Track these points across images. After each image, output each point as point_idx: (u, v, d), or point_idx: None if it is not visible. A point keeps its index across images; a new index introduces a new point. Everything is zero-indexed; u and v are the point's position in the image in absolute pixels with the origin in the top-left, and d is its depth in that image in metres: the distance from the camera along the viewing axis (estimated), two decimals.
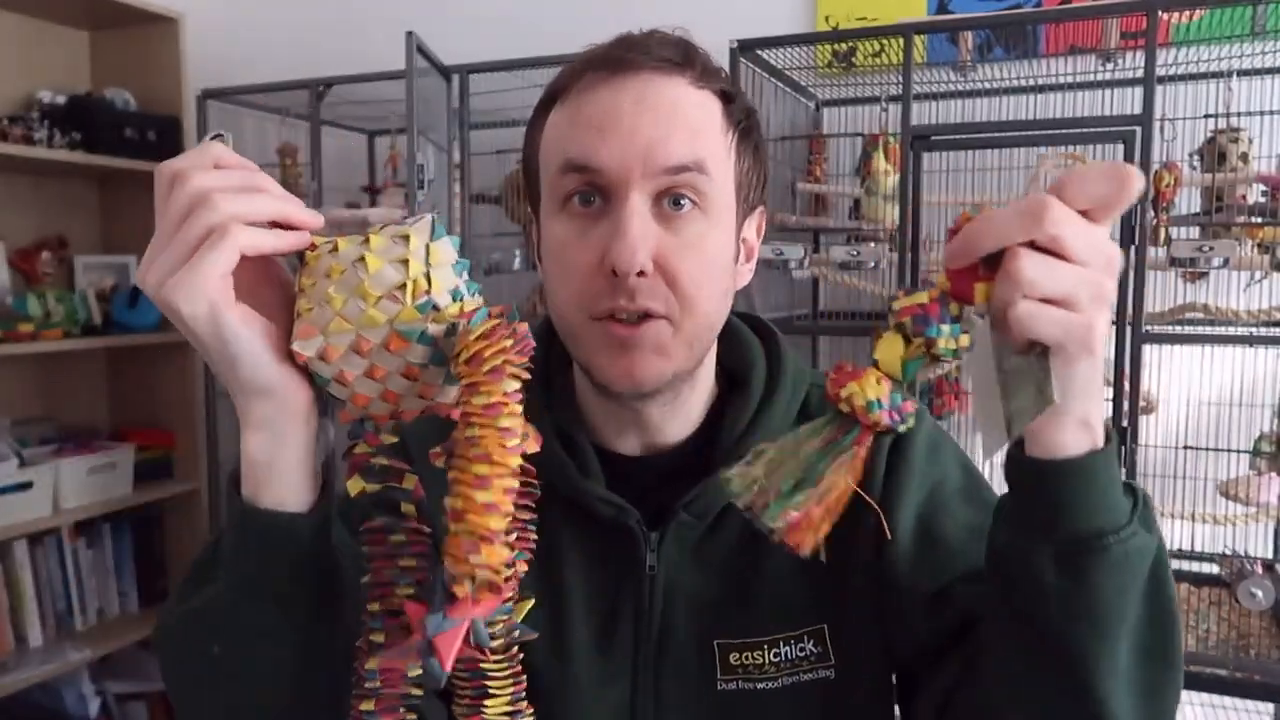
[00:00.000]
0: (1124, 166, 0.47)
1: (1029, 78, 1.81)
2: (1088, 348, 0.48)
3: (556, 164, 0.67)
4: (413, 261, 0.49)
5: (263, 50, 2.54)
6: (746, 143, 0.72)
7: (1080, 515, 0.53)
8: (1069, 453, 0.53)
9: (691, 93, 0.67)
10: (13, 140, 2.09)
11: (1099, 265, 0.47)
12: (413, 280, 0.49)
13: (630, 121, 0.65)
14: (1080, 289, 0.47)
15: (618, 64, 0.66)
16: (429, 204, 1.82)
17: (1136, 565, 0.54)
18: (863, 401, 0.50)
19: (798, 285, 1.98)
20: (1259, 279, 1.58)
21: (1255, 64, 1.64)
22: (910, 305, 0.49)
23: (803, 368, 0.80)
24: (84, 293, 2.33)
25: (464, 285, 0.51)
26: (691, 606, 0.73)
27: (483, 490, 0.45)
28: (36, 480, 2.11)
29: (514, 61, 1.86)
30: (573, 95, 0.68)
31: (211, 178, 0.50)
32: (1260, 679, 1.45)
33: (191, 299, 0.49)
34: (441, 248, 0.51)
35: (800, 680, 0.73)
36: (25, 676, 2.06)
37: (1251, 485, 1.53)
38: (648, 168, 0.64)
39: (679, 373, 0.69)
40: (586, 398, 0.77)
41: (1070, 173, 0.48)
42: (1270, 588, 1.48)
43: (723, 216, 0.69)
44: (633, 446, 0.76)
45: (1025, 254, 0.46)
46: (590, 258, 0.65)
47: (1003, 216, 0.47)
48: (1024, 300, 0.47)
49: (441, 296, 0.49)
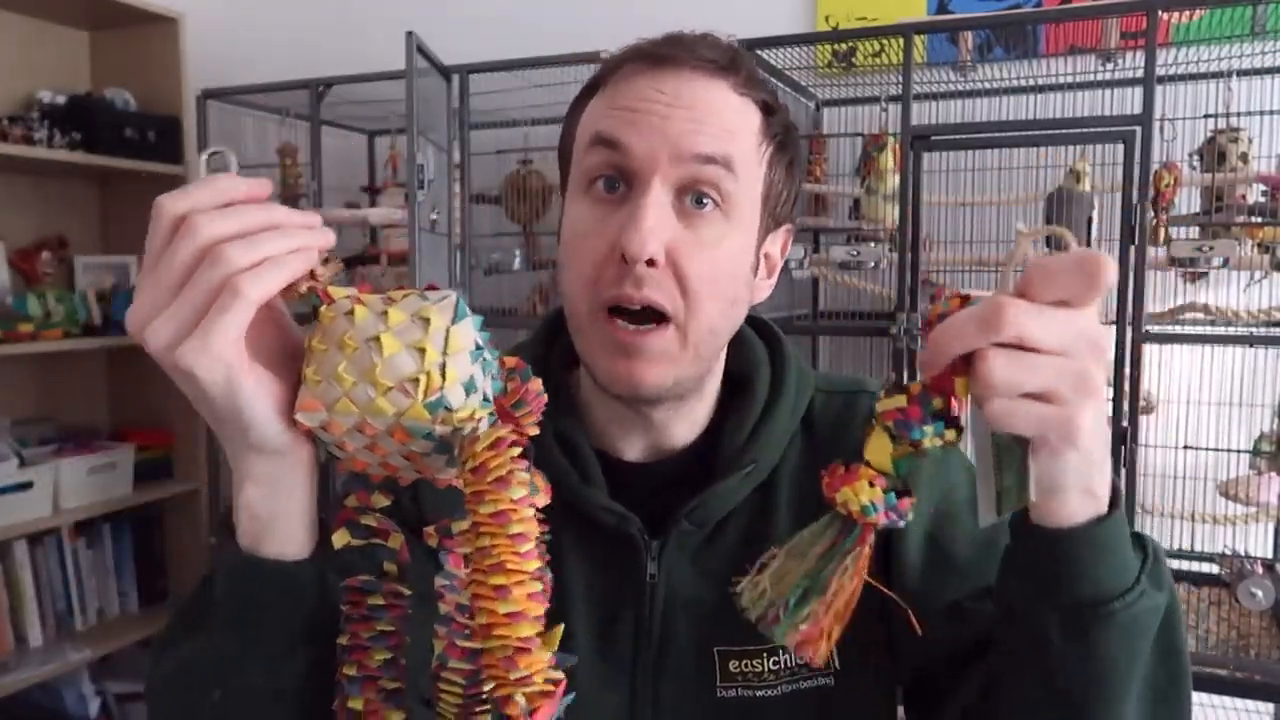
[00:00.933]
0: (1093, 258, 0.44)
1: (1029, 78, 1.80)
2: (1071, 439, 0.46)
3: (586, 139, 0.67)
4: (429, 350, 0.46)
5: (263, 50, 2.54)
6: (781, 156, 0.71)
7: (1084, 582, 0.52)
8: (1072, 522, 0.51)
9: (732, 97, 0.67)
10: (13, 140, 2.09)
11: (1080, 352, 0.45)
12: (426, 373, 0.46)
13: (664, 110, 0.64)
14: (1059, 381, 0.45)
15: (661, 59, 0.66)
16: (429, 204, 1.82)
17: (1145, 626, 0.54)
18: (857, 507, 0.50)
19: (798, 285, 1.98)
20: (1259, 279, 1.58)
21: (1255, 64, 1.64)
22: (891, 410, 0.49)
23: (807, 372, 0.79)
24: (84, 293, 2.33)
25: (480, 371, 0.48)
26: (692, 613, 0.73)
27: (505, 601, 0.44)
28: (36, 480, 2.11)
29: (514, 61, 1.86)
30: (611, 84, 0.68)
31: (220, 225, 0.45)
32: (1260, 679, 1.45)
33: (209, 367, 0.45)
34: (461, 332, 0.47)
35: (800, 688, 0.73)
36: (25, 676, 2.06)
37: (1251, 485, 1.53)
38: (674, 154, 0.64)
39: (682, 380, 0.68)
40: (591, 398, 0.76)
41: (1036, 266, 0.45)
42: (1270, 588, 1.48)
43: (745, 223, 0.68)
44: (638, 451, 0.75)
45: (993, 354, 0.45)
46: (604, 243, 0.65)
47: (961, 322, 0.46)
48: (996, 399, 0.45)
49: (454, 391, 0.46)
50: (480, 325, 0.49)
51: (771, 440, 0.74)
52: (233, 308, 0.44)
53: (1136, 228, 1.46)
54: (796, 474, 0.75)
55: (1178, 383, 1.67)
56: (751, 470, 0.73)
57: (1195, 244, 1.48)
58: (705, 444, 0.76)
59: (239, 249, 0.45)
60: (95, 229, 2.55)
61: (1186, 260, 1.49)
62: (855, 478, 0.50)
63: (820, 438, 0.77)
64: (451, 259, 1.96)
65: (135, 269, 2.48)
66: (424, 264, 1.80)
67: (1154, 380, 1.62)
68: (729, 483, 0.72)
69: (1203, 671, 1.46)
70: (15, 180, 2.34)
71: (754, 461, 0.73)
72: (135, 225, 2.47)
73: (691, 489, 0.72)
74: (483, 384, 0.48)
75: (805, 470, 0.75)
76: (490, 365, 0.49)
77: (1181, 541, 1.69)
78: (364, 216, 2.04)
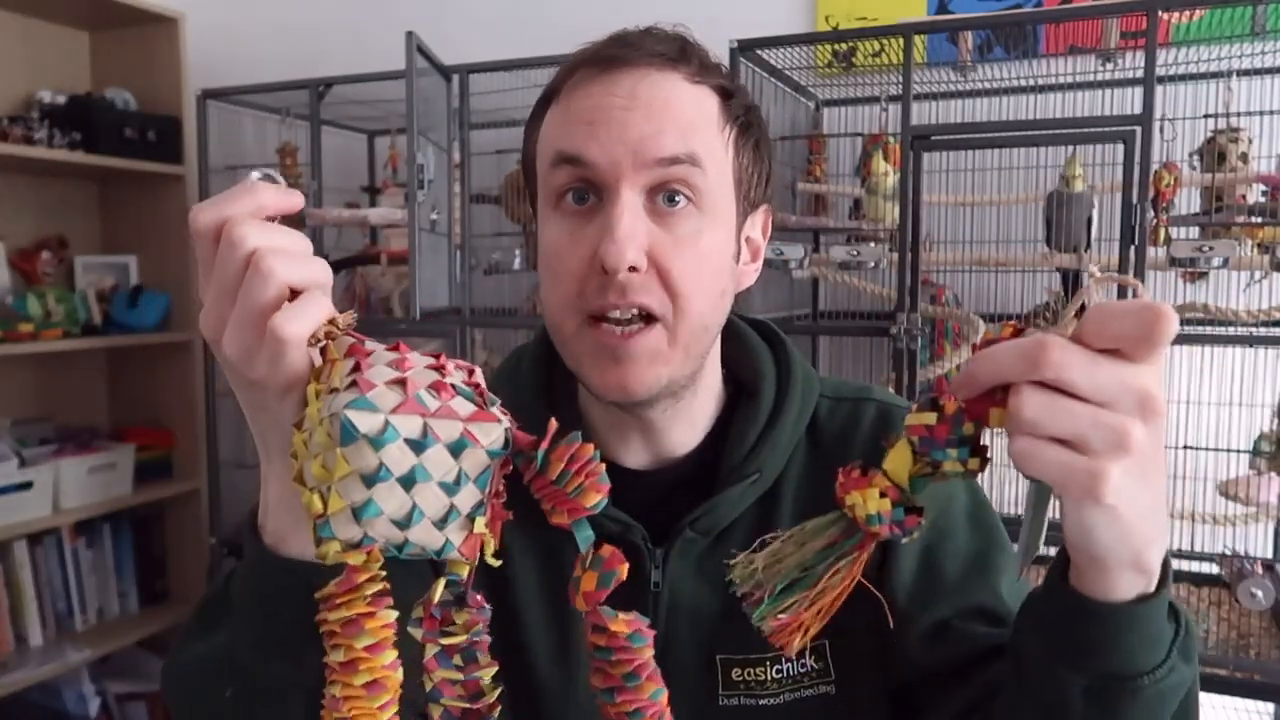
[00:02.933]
0: (1154, 309, 0.41)
1: (1029, 78, 1.80)
2: (1094, 495, 0.43)
3: (549, 157, 0.66)
4: (317, 467, 0.42)
5: (263, 50, 2.54)
6: (746, 139, 0.70)
7: (1118, 657, 0.51)
8: (1115, 597, 0.49)
9: (686, 88, 0.66)
10: (13, 140, 2.09)
11: (1125, 407, 0.42)
12: (312, 495, 0.42)
13: (621, 116, 0.63)
14: (1093, 432, 0.42)
15: (610, 60, 0.66)
16: (429, 204, 1.82)
17: (1170, 701, 0.53)
18: (862, 514, 0.49)
19: (798, 285, 1.98)
20: (1259, 279, 1.58)
21: (1255, 64, 1.64)
22: (919, 424, 0.47)
23: (812, 378, 0.79)
24: (84, 293, 2.33)
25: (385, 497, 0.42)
26: (694, 621, 0.73)
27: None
28: (36, 480, 2.11)
29: (514, 61, 1.86)
30: (565, 92, 0.67)
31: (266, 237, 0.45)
32: (1260, 679, 1.45)
33: (276, 378, 0.46)
34: (352, 455, 0.41)
35: (801, 696, 0.72)
36: (25, 676, 2.06)
37: (1251, 485, 1.53)
38: (638, 160, 0.63)
39: (675, 379, 0.67)
40: (589, 406, 0.75)
41: (1095, 309, 0.42)
42: (1270, 588, 1.48)
43: (720, 214, 0.67)
44: (640, 458, 0.75)
45: (1028, 391, 0.43)
46: (582, 256, 0.64)
47: (1004, 352, 0.44)
48: (1020, 437, 0.43)
49: (339, 520, 0.42)
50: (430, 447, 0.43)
51: (777, 449, 0.73)
52: (277, 350, 0.45)
53: (1136, 228, 1.46)
54: (800, 482, 0.75)
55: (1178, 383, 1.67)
56: (756, 479, 0.72)
57: (1195, 244, 1.48)
58: (709, 451, 0.75)
59: (281, 261, 0.45)
60: (95, 229, 2.55)
61: (1186, 260, 1.49)
62: (868, 484, 0.49)
63: (825, 445, 0.76)
64: (451, 259, 1.96)
65: (135, 269, 2.48)
66: (424, 264, 1.80)
67: None
68: (733, 492, 0.72)
69: (1203, 671, 1.46)
70: (15, 180, 2.34)
71: (758, 471, 0.72)
72: (135, 225, 2.49)
73: (695, 496, 0.72)
74: (406, 505, 0.43)
75: (809, 478, 0.75)
76: (446, 484, 0.43)
77: (1181, 541, 1.69)
78: (364, 216, 2.04)
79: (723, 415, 0.76)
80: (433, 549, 0.44)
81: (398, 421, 0.42)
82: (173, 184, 2.41)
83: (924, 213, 1.62)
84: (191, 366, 2.41)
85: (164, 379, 2.48)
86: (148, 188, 2.44)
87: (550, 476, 0.45)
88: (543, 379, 0.77)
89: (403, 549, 0.43)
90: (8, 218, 2.32)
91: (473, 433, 0.44)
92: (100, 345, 2.35)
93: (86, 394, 2.53)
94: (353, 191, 2.39)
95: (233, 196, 0.46)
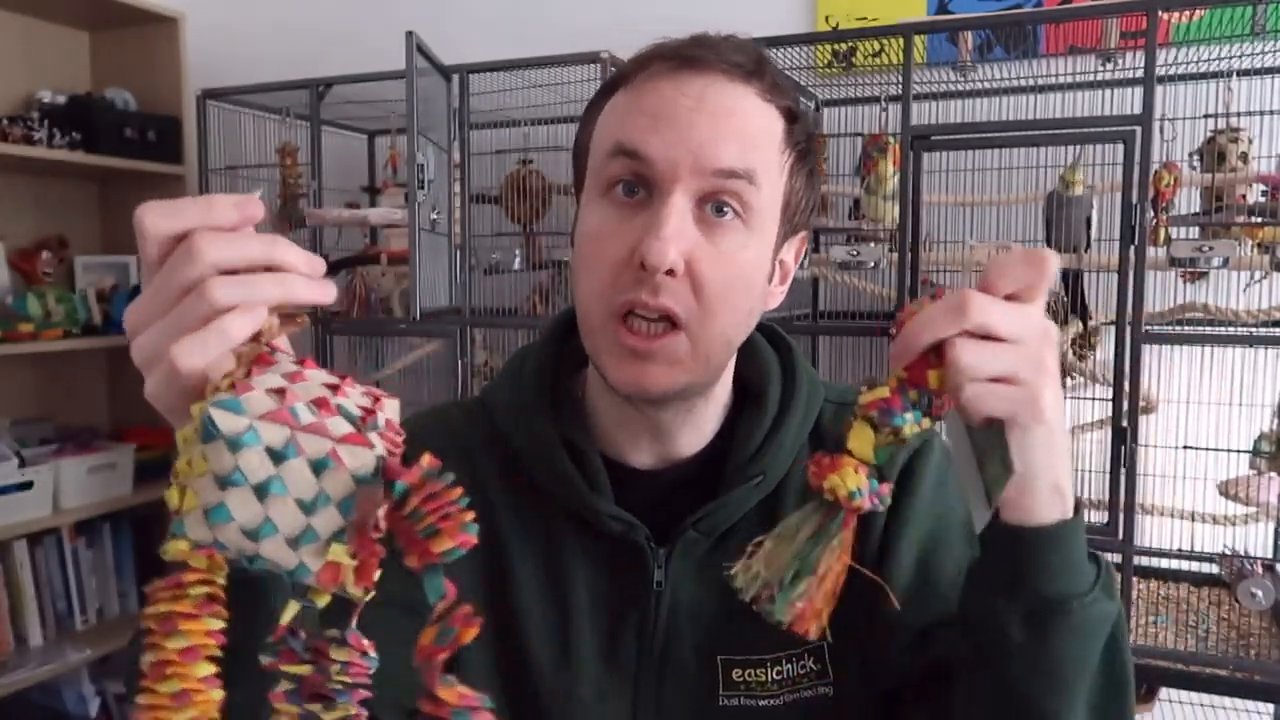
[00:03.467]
0: (1038, 253, 0.52)
1: (1029, 78, 1.80)
2: (1037, 416, 0.52)
3: (607, 147, 0.66)
4: (180, 461, 0.42)
5: (263, 50, 2.54)
6: (802, 165, 0.70)
7: (1049, 580, 0.57)
8: (1042, 520, 0.56)
9: (756, 103, 0.66)
10: (13, 140, 2.09)
11: (1034, 339, 0.51)
12: (171, 490, 0.42)
13: (688, 118, 0.63)
14: (1020, 365, 0.51)
15: (686, 60, 0.65)
16: (429, 204, 1.82)
17: (1097, 629, 0.58)
18: (845, 492, 0.54)
19: (798, 285, 1.98)
20: (1259, 279, 1.58)
21: (1255, 64, 1.64)
22: (874, 400, 0.54)
23: (817, 382, 0.79)
24: (84, 293, 2.33)
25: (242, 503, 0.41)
26: (696, 621, 0.73)
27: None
28: (36, 480, 2.11)
29: (514, 61, 1.86)
30: (635, 83, 0.67)
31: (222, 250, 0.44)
32: (1260, 679, 1.44)
33: (168, 407, 0.46)
34: (212, 453, 0.41)
35: (801, 697, 0.73)
36: (25, 676, 2.06)
37: (1251, 485, 1.53)
38: (697, 166, 0.63)
39: (691, 385, 0.68)
40: (598, 402, 0.75)
41: (992, 263, 0.53)
42: (1270, 588, 1.48)
43: (764, 232, 0.67)
44: (646, 458, 0.75)
45: (961, 343, 0.51)
46: (623, 248, 0.64)
47: (932, 314, 0.51)
48: (970, 383, 0.51)
49: (191, 520, 0.42)
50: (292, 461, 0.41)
51: (781, 452, 0.74)
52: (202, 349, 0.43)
53: (1136, 228, 1.46)
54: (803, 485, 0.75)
55: (1178, 383, 1.67)
56: (760, 481, 0.73)
57: (1195, 244, 1.48)
58: (714, 452, 0.75)
59: (228, 286, 0.43)
60: (95, 229, 2.55)
61: (1186, 260, 1.49)
62: (840, 466, 0.54)
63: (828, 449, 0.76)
64: (451, 259, 1.96)
65: (135, 269, 2.48)
66: (424, 264, 1.80)
67: (1154, 380, 1.62)
68: (737, 493, 0.72)
69: (1203, 671, 1.46)
70: (15, 180, 2.34)
71: (763, 473, 0.73)
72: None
73: (699, 497, 0.72)
74: (257, 515, 0.41)
75: None
76: (304, 501, 0.41)
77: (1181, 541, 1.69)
78: (364, 216, 2.04)
79: (729, 418, 0.76)
80: (285, 568, 0.42)
81: (262, 428, 0.40)
82: (173, 184, 2.42)
83: (924, 213, 1.62)
84: None
85: None
86: (148, 188, 2.44)
87: (404, 512, 0.42)
88: (548, 379, 0.76)
89: (253, 562, 0.42)
90: (8, 218, 2.32)
91: (339, 454, 0.41)
92: (100, 345, 2.35)
93: (86, 394, 2.53)
94: (353, 191, 2.39)
95: (192, 206, 0.45)
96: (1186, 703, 1.74)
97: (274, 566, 0.42)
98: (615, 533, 0.72)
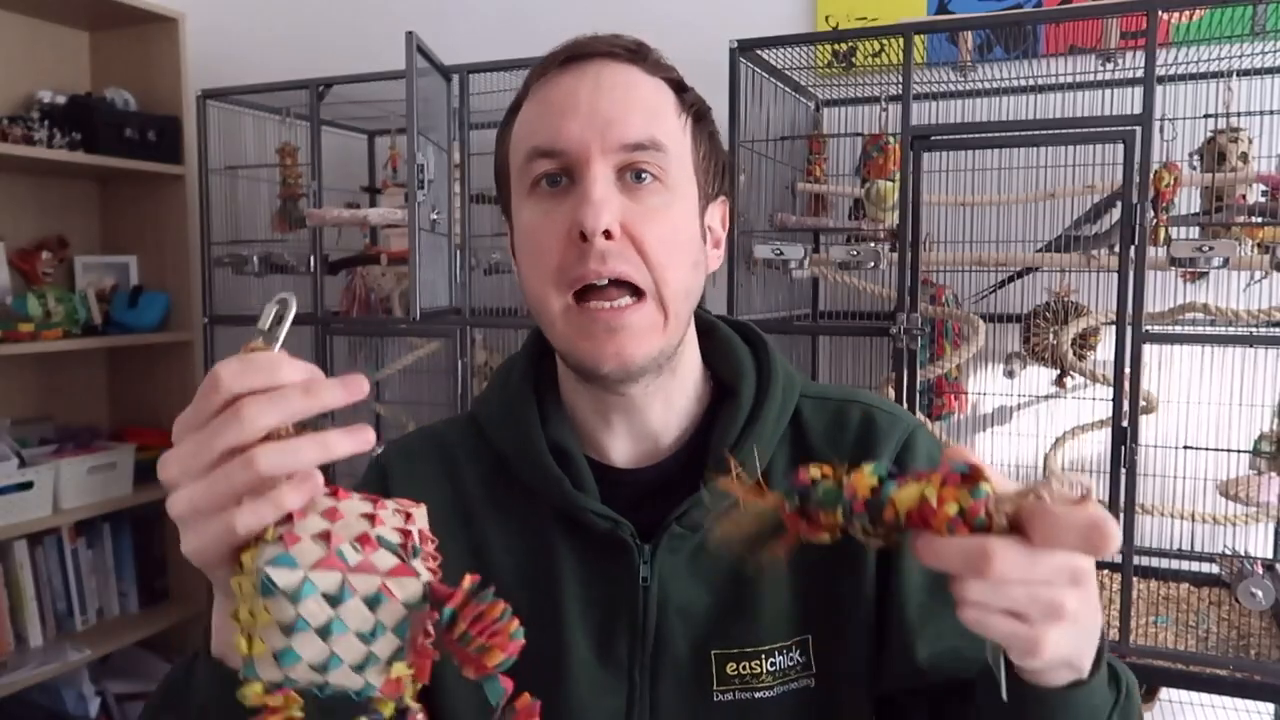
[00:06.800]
0: (1101, 529, 0.43)
1: (1029, 78, 1.80)
2: (1031, 655, 0.48)
3: (524, 152, 0.70)
4: (243, 612, 0.45)
5: (263, 50, 2.54)
6: (701, 129, 0.74)
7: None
8: (1051, 684, 0.54)
9: (645, 78, 0.71)
10: (13, 140, 2.09)
11: (1060, 584, 0.46)
12: (239, 638, 0.45)
13: (590, 101, 0.68)
14: (1030, 606, 0.46)
15: (575, 54, 0.71)
16: (429, 204, 1.82)
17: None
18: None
19: (798, 285, 1.98)
20: (1259, 279, 1.58)
21: (1255, 64, 1.64)
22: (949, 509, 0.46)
23: (794, 376, 0.80)
24: (84, 293, 2.33)
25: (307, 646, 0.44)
26: (687, 617, 0.74)
27: None
28: (36, 480, 2.11)
29: (514, 61, 1.86)
30: (533, 91, 0.73)
31: (268, 414, 0.45)
32: (1260, 679, 1.44)
33: (198, 558, 0.47)
34: (274, 607, 0.44)
35: (790, 689, 0.74)
36: (25, 676, 2.06)
37: (1251, 485, 1.53)
38: (607, 143, 0.67)
39: (665, 349, 0.71)
40: (575, 401, 0.77)
41: (1044, 517, 0.44)
42: (1270, 588, 1.48)
43: (684, 193, 0.71)
44: (625, 446, 0.77)
45: (971, 581, 0.46)
46: (559, 230, 0.68)
47: (949, 553, 0.45)
48: (966, 607, 0.47)
49: (262, 662, 0.44)
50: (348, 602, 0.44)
51: (761, 442, 0.75)
52: (223, 536, 0.45)
53: (1136, 228, 1.46)
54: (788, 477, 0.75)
55: (1178, 383, 1.67)
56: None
57: (1195, 244, 1.48)
58: (694, 450, 0.77)
59: (274, 455, 0.45)
60: (95, 229, 2.55)
61: (1186, 260, 1.49)
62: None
63: (810, 443, 0.78)
64: (451, 259, 1.96)
65: (135, 269, 2.48)
66: (424, 264, 1.80)
67: (1154, 380, 1.62)
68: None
69: (1203, 672, 1.46)
70: (15, 180, 2.34)
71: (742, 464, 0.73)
72: (135, 225, 2.48)
73: (683, 495, 0.73)
74: (323, 652, 0.44)
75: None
76: (364, 633, 0.45)
77: (1181, 541, 1.69)
78: (364, 216, 2.04)
79: (706, 415, 0.78)
80: (353, 690, 0.45)
81: (316, 577, 0.44)
82: (173, 184, 2.42)
83: (924, 213, 1.62)
84: (191, 366, 2.41)
85: (164, 379, 2.48)
86: (148, 188, 2.44)
87: (454, 635, 0.45)
88: (531, 387, 0.79)
89: (324, 690, 0.45)
90: (8, 218, 2.32)
91: (390, 588, 0.45)
92: (100, 345, 2.35)
93: (86, 394, 2.53)
94: (353, 191, 2.39)
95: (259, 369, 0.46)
96: (1187, 703, 1.74)
97: (341, 690, 0.45)
98: (602, 530, 0.73)
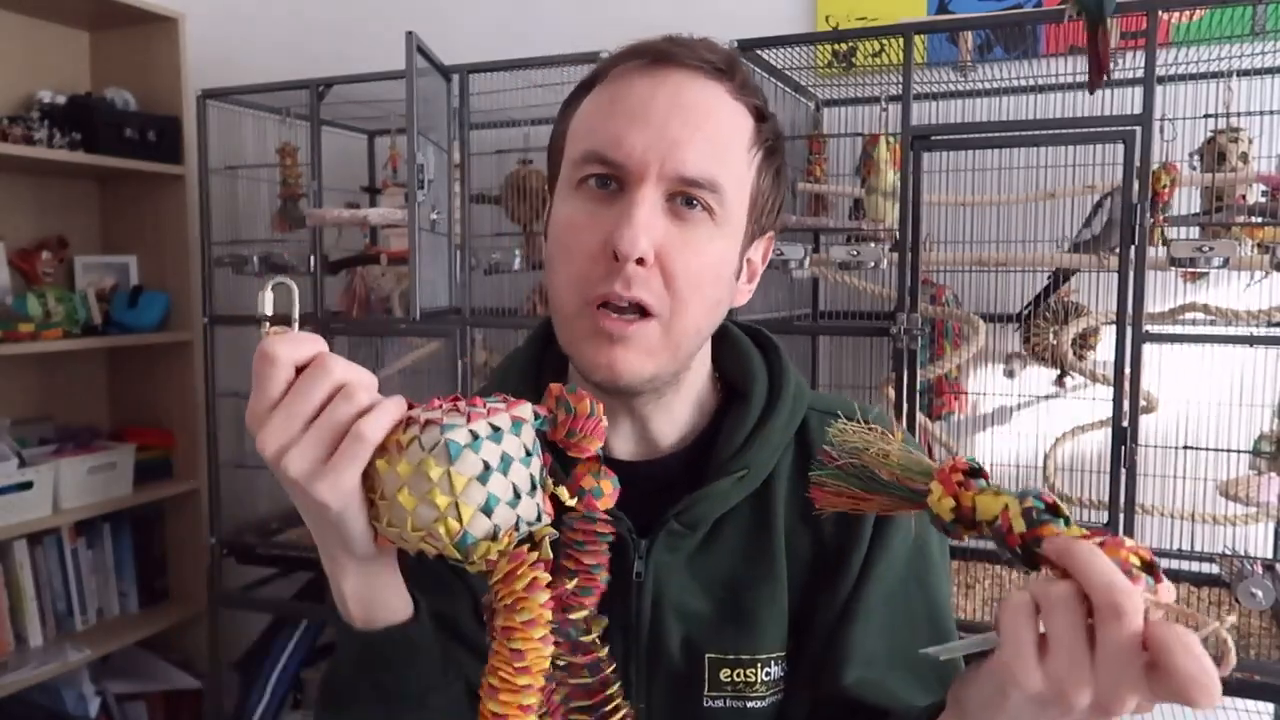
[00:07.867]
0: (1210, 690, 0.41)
1: (1029, 78, 1.80)
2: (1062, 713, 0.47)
3: (580, 149, 0.68)
4: (439, 499, 0.50)
5: (263, 50, 2.54)
6: (769, 164, 0.72)
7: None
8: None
9: (727, 102, 0.68)
10: (13, 140, 2.09)
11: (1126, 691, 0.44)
12: (444, 521, 0.50)
13: (662, 118, 0.65)
14: (1103, 694, 0.45)
15: (660, 56, 0.67)
16: (429, 204, 1.82)
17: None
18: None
19: (798, 285, 1.98)
20: (1259, 279, 1.58)
21: (1255, 64, 1.64)
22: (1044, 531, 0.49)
23: (803, 385, 0.80)
24: (84, 293, 2.33)
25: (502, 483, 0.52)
26: (683, 618, 0.73)
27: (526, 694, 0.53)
28: (36, 480, 2.11)
29: (514, 61, 1.86)
30: (610, 79, 0.69)
31: (344, 369, 0.52)
32: (1260, 679, 1.45)
33: (337, 497, 0.51)
34: (463, 468, 0.50)
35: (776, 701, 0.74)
36: (25, 676, 2.06)
37: (1251, 485, 1.53)
38: (665, 169, 0.65)
39: (659, 374, 0.69)
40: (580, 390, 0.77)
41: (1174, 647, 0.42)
42: (1270, 588, 1.48)
43: (731, 229, 0.69)
44: (629, 445, 0.76)
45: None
46: (595, 239, 0.65)
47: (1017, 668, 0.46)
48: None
49: (475, 524, 0.51)
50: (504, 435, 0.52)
51: (766, 448, 0.74)
52: (357, 454, 0.51)
53: (1136, 228, 1.46)
54: (792, 484, 0.75)
55: (1178, 383, 1.67)
56: (745, 475, 0.73)
57: (1195, 244, 1.48)
58: (699, 451, 0.76)
59: (363, 391, 0.52)
60: (95, 229, 2.55)
61: (1186, 260, 1.49)
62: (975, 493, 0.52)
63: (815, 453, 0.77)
64: (451, 259, 1.96)
65: (135, 269, 2.48)
66: (424, 264, 1.80)
67: (1154, 380, 1.62)
68: (719, 486, 0.72)
69: None
70: (15, 180, 2.34)
71: (746, 467, 0.73)
72: (135, 225, 2.48)
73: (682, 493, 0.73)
74: (509, 487, 0.52)
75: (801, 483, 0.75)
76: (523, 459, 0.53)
77: (1181, 541, 1.69)
78: (364, 216, 2.04)
79: (715, 416, 0.77)
80: (531, 519, 0.54)
81: (476, 427, 0.51)
82: (173, 184, 2.42)
83: (924, 213, 1.62)
84: (191, 366, 2.41)
85: (164, 379, 2.48)
86: (148, 188, 2.44)
87: (561, 433, 0.57)
88: (532, 379, 0.79)
89: (518, 526, 0.53)
90: (8, 218, 2.32)
91: (519, 414, 0.54)
92: (100, 345, 2.35)
93: (86, 394, 2.53)
94: (353, 191, 2.39)
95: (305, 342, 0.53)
96: None
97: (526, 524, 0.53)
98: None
